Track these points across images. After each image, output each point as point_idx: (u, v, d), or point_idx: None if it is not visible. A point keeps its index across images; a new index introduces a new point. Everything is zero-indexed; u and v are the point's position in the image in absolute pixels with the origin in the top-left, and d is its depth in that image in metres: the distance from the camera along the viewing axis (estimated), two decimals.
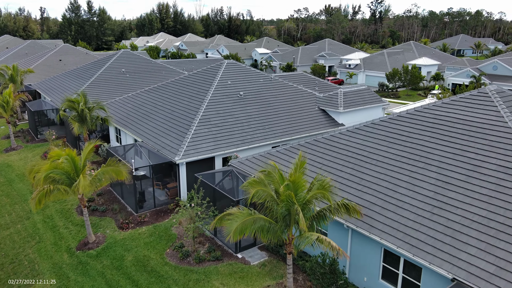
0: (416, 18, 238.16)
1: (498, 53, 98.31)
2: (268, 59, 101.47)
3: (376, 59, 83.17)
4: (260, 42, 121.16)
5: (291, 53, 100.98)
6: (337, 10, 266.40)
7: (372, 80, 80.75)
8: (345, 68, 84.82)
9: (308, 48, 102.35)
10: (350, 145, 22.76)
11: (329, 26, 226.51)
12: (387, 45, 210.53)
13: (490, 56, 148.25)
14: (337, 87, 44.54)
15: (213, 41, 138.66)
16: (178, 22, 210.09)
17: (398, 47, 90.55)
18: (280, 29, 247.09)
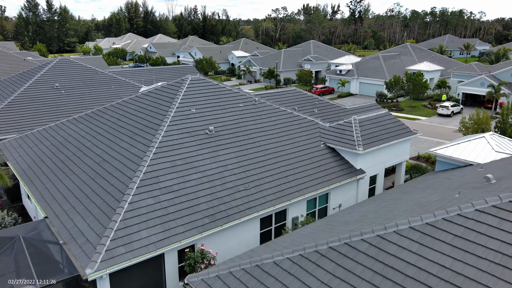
0: (398, 18, 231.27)
1: (503, 55, 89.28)
2: (247, 63, 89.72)
3: (370, 64, 72.63)
4: (237, 44, 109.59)
5: (272, 56, 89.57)
6: (316, 9, 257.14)
7: (368, 88, 70.18)
8: (335, 75, 73.96)
9: (291, 51, 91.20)
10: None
11: (308, 26, 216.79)
12: (369, 46, 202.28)
13: (480, 58, 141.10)
14: (344, 108, 33.21)
15: (185, 42, 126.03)
16: (149, 22, 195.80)
17: (393, 50, 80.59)
18: (258, 30, 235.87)
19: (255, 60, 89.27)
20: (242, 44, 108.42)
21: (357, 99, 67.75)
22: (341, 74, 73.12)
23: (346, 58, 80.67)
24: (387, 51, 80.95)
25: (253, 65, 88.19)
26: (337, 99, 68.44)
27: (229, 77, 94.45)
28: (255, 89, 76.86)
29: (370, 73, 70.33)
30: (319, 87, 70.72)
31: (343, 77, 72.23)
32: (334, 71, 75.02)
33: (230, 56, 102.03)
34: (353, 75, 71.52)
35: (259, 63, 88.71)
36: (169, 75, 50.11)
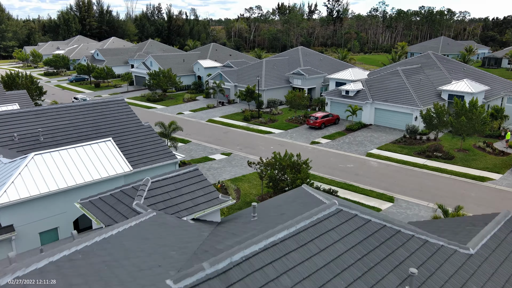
0: (379, 18, 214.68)
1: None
2: (218, 78, 68.09)
3: (388, 82, 52.57)
4: (205, 50, 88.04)
5: (251, 68, 68.29)
6: (292, 9, 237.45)
7: (388, 117, 50.12)
8: (340, 97, 53.47)
9: (275, 61, 70.17)
10: None
11: (285, 27, 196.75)
12: (353, 49, 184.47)
13: (482, 63, 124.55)
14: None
15: (142, 48, 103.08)
16: (104, 22, 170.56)
17: (413, 60, 60.83)
18: (230, 30, 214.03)
19: (229, 73, 67.72)
20: (211, 51, 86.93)
21: (375, 134, 47.46)
22: (349, 96, 52.70)
23: (350, 72, 60.37)
24: (405, 62, 61.11)
25: (225, 80, 66.66)
26: (346, 133, 47.92)
27: (194, 95, 72.60)
28: (230, 117, 55.36)
29: (390, 96, 50.26)
30: (320, 115, 50.02)
31: (353, 102, 51.84)
32: (337, 92, 54.46)
33: (196, 67, 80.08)
34: (366, 98, 51.28)
35: (234, 77, 67.25)
36: (73, 124, 28.15)
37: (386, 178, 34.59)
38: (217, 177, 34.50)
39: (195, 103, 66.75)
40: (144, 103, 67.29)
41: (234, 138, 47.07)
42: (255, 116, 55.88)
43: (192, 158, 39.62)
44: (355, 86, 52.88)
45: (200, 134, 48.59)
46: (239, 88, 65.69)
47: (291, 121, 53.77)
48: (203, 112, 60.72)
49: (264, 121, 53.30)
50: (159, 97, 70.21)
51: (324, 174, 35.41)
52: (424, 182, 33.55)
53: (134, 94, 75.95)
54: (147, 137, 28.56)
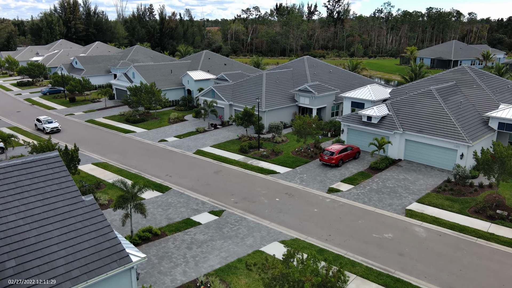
0: (386, 19, 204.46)
1: None
2: (210, 94, 57.44)
3: (420, 105, 42.07)
4: (197, 59, 77.24)
5: (248, 83, 57.67)
6: (291, 10, 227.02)
7: (425, 152, 39.66)
8: (361, 125, 42.92)
9: (277, 74, 59.48)
10: None
11: (285, 30, 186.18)
12: (357, 53, 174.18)
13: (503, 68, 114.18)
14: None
15: (127, 54, 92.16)
16: (92, 25, 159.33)
17: (444, 76, 50.09)
18: (226, 32, 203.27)
19: (222, 89, 57.01)
20: (203, 59, 76.14)
21: (409, 176, 36.88)
22: (371, 124, 42.15)
23: (369, 91, 49.70)
24: (437, 77, 50.35)
25: (218, 98, 55.99)
26: (372, 174, 37.34)
27: (182, 113, 61.86)
28: (224, 146, 44.54)
29: (425, 124, 39.77)
30: (336, 149, 39.44)
31: (378, 132, 41.30)
32: (357, 118, 43.86)
33: (186, 79, 69.29)
34: (393, 127, 40.75)
35: (229, 94, 56.58)
36: None
37: (445, 262, 24.01)
38: (199, 267, 23.79)
39: (182, 125, 56.01)
40: (121, 125, 56.47)
41: (228, 181, 36.40)
42: (254, 146, 45.26)
43: (168, 223, 28.88)
44: (379, 111, 42.29)
45: (184, 175, 37.88)
46: (234, 107, 55.02)
47: (298, 153, 43.16)
48: (191, 138, 50.02)
49: (265, 154, 42.67)
50: (140, 117, 59.46)
51: (355, 254, 24.81)
52: (501, 271, 23.00)
53: (112, 111, 65.06)
54: (86, 224, 17.88)
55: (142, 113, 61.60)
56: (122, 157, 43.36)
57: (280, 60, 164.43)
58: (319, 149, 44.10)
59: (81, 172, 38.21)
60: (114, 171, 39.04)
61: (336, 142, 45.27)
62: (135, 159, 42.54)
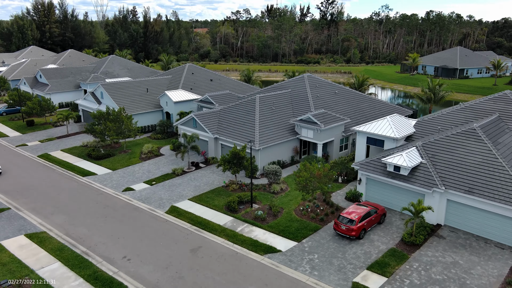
0: (381, 22, 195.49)
1: None
2: (192, 124, 46.83)
3: (463, 150, 32.03)
4: (178, 74, 66.39)
5: (237, 110, 47.20)
6: (283, 12, 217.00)
7: (475, 219, 29.80)
8: (385, 176, 32.82)
9: (272, 97, 49.01)
10: None
11: (277, 33, 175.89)
12: (353, 59, 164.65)
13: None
14: None
15: (100, 66, 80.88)
16: (69, 29, 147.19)
17: (484, 103, 39.94)
18: (215, 35, 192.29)
19: (206, 118, 46.38)
20: (186, 75, 65.35)
21: (460, 257, 26.72)
22: (400, 176, 31.97)
23: (390, 124, 39.39)
24: (471, 106, 40.12)
25: (201, 129, 45.40)
26: (408, 254, 27.13)
27: (158, 144, 51.13)
28: (207, 198, 33.80)
29: (474, 179, 29.72)
30: (357, 216, 29.18)
31: (412, 187, 31.15)
32: (379, 166, 33.66)
33: (164, 100, 58.48)
34: (431, 182, 30.68)
35: (214, 124, 45.99)
36: None
37: None
38: None
39: (156, 163, 45.27)
40: (81, 163, 45.52)
41: (209, 271, 25.84)
42: (246, 201, 34.82)
43: None
44: (410, 159, 32.08)
45: (149, 257, 27.23)
46: (221, 142, 44.44)
47: (304, 213, 32.77)
48: (166, 185, 39.34)
49: (261, 215, 32.20)
50: (106, 149, 48.65)
51: None
52: None
53: (74, 140, 54.04)
54: None
55: (109, 144, 50.74)
56: (70, 220, 32.56)
57: (272, 66, 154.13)
58: (329, 205, 33.82)
59: (5, 253, 27.43)
60: (52, 250, 28.24)
61: (352, 196, 34.95)
62: (87, 225, 31.77)
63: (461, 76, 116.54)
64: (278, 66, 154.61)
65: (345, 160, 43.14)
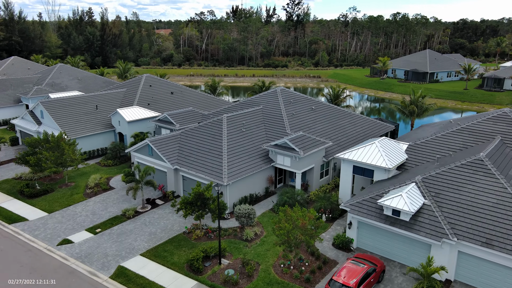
0: (346, 24, 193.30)
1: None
2: (147, 151, 39.45)
3: (474, 189, 26.83)
4: (134, 86, 58.46)
5: (201, 133, 40.31)
6: (249, 13, 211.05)
7: (490, 275, 24.37)
8: (383, 222, 27.04)
9: (242, 117, 42.44)
10: None
11: (243, 35, 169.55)
12: (322, 62, 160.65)
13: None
14: None
15: (46, 76, 71.52)
16: (16, 32, 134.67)
17: (483, 124, 35.07)
18: (178, 38, 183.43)
19: (164, 145, 39.17)
20: (143, 87, 57.66)
21: None
22: (400, 222, 26.31)
23: (379, 150, 33.67)
24: (468, 128, 35.04)
25: (158, 158, 38.15)
26: None
27: (108, 173, 43.40)
28: (164, 252, 26.51)
29: (490, 227, 24.47)
30: (353, 278, 23.18)
31: (415, 237, 25.53)
32: (374, 208, 27.92)
33: (116, 119, 50.62)
34: (439, 230, 25.22)
35: (174, 151, 38.86)
36: None
37: None
38: None
39: (104, 200, 37.69)
40: (9, 204, 37.20)
41: None
42: (213, 255, 28.14)
43: None
44: (412, 200, 26.45)
45: None
46: (182, 173, 37.42)
47: (284, 273, 26.42)
48: (114, 233, 31.96)
49: (232, 278, 25.60)
50: (43, 183, 40.53)
51: None
52: None
53: (7, 170, 45.27)
54: None
55: (48, 176, 42.57)
56: None
57: (239, 70, 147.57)
58: (315, 257, 27.72)
59: None
60: None
61: (341, 244, 28.96)
62: None
63: (432, 80, 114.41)
64: (245, 70, 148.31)
65: (328, 191, 37.29)
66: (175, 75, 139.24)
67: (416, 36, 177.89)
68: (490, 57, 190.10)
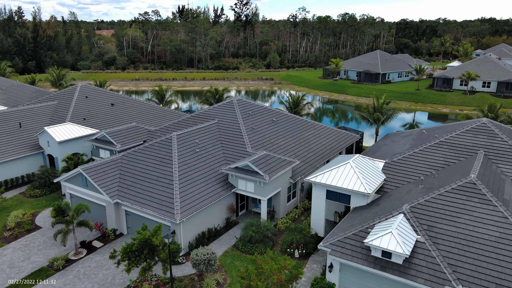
0: (295, 24, 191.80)
1: None
2: (80, 181, 32.50)
3: (471, 220, 23.22)
4: (67, 99, 50.25)
5: (147, 157, 34.06)
6: (196, 13, 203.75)
7: None
8: (370, 266, 22.74)
9: (195, 133, 36.62)
10: None
11: (191, 36, 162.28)
12: (274, 63, 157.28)
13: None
14: None
15: None
16: None
17: (461, 136, 31.89)
18: (122, 39, 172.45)
19: (102, 173, 32.52)
20: (77, 99, 49.86)
21: None
22: (391, 265, 22.01)
23: (356, 173, 29.48)
24: (448, 141, 31.72)
25: (95, 190, 31.42)
26: None
27: (33, 208, 35.80)
28: None
29: (504, 268, 20.69)
30: None
31: (410, 284, 21.19)
32: (359, 250, 23.45)
33: (44, 139, 42.76)
34: (441, 277, 21.05)
35: (114, 180, 32.30)
36: None
37: None
38: None
39: (27, 245, 30.42)
40: None
41: None
42: None
43: None
44: (404, 239, 22.25)
45: None
46: (125, 207, 31.05)
47: None
48: None
49: None
50: None
51: None
52: None
53: None
54: None
55: None
56: None
57: (188, 73, 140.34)
58: None
59: None
60: None
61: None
62: None
63: (384, 81, 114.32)
64: (194, 73, 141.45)
65: (297, 217, 32.57)
66: (119, 80, 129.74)
67: (365, 36, 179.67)
68: (433, 56, 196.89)
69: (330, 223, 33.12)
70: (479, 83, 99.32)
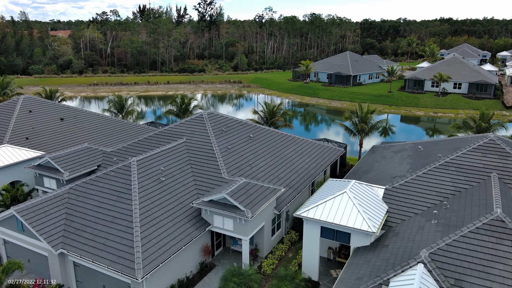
0: (262, 24, 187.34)
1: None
2: (15, 225, 25.84)
3: (502, 269, 18.60)
4: (5, 114, 42.74)
5: (102, 189, 27.87)
6: (158, 13, 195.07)
7: None
8: None
9: (159, 157, 30.75)
10: None
11: (153, 38, 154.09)
12: (241, 65, 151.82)
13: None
14: None
15: None
16: None
17: (469, 155, 27.99)
18: (79, 41, 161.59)
19: (42, 214, 26.01)
20: (19, 114, 42.32)
21: None
22: None
23: (355, 205, 24.67)
24: (453, 161, 27.67)
25: (32, 236, 24.90)
26: None
27: None
28: None
29: None
30: None
31: None
32: None
33: None
34: None
35: (58, 222, 25.88)
36: None
37: None
38: None
39: None
40: None
41: None
42: None
43: None
44: None
45: None
46: (73, 259, 24.74)
47: None
48: None
49: None
50: None
51: None
52: None
53: None
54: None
55: None
56: None
57: (152, 77, 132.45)
58: None
59: None
60: None
61: None
62: None
63: (355, 83, 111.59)
64: (158, 77, 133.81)
65: (284, 254, 27.40)
66: (76, 85, 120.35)
67: (332, 36, 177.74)
68: (399, 56, 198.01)
69: (323, 260, 28.21)
70: (451, 85, 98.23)
